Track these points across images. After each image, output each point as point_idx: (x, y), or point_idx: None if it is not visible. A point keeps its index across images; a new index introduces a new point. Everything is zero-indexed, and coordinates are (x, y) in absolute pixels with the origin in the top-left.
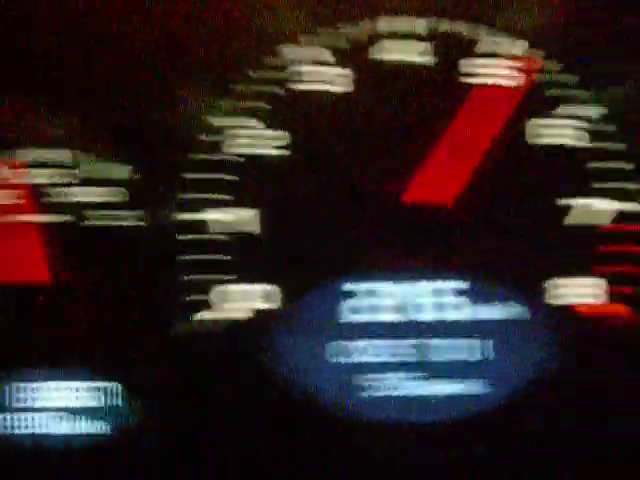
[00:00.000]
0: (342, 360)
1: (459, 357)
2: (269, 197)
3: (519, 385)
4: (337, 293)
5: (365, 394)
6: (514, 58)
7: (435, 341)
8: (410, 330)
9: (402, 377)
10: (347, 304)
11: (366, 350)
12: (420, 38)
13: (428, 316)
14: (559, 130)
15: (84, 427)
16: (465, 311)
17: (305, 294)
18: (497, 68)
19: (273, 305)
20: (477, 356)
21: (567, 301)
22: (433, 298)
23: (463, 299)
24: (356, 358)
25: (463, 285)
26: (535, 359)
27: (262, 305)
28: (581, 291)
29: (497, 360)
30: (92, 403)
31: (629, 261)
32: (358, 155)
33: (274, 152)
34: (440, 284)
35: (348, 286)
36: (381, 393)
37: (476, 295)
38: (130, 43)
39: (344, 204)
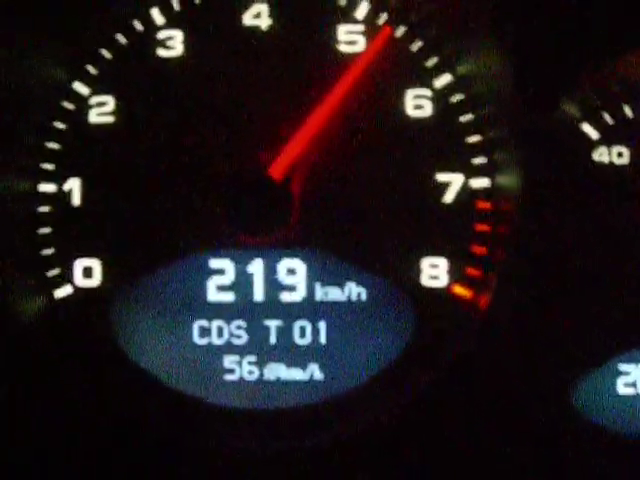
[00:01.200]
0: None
1: (301, 341)
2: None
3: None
4: (172, 269)
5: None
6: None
7: (274, 322)
8: (246, 311)
9: (237, 361)
10: (181, 281)
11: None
12: (269, 0)
13: (261, 296)
14: (408, 102)
15: None
16: (308, 291)
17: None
18: (351, 34)
19: (103, 281)
20: (321, 339)
21: (412, 282)
22: (273, 276)
23: (307, 278)
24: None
25: (309, 264)
26: (378, 342)
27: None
28: (425, 271)
29: (340, 343)
30: None
31: (475, 241)
32: (205, 126)
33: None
34: (284, 262)
35: (181, 263)
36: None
37: (322, 275)
38: None
39: (179, 177)
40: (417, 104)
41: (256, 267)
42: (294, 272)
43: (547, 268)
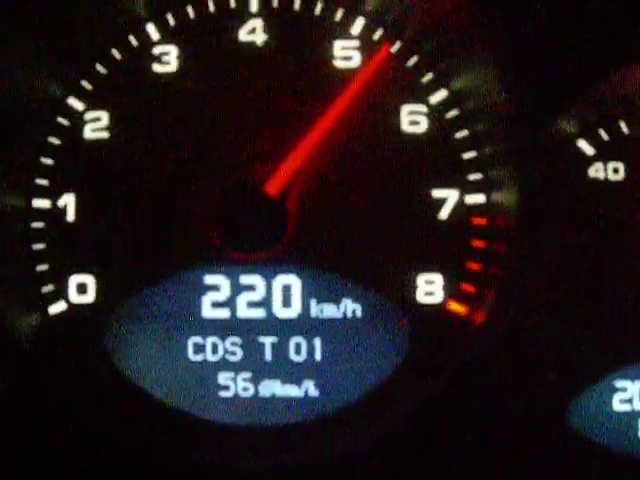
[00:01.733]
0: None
1: (296, 357)
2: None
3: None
4: (167, 286)
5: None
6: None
7: (269, 339)
8: (241, 327)
9: (232, 377)
10: (176, 297)
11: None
12: (264, 16)
13: (259, 313)
14: (403, 118)
15: None
16: (303, 308)
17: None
18: (347, 50)
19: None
20: (316, 356)
21: (407, 298)
22: (271, 293)
23: (302, 295)
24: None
25: (304, 281)
26: (373, 359)
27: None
28: (421, 288)
29: (335, 360)
30: None
31: (471, 257)
32: (200, 142)
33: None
34: (279, 279)
35: (175, 279)
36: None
37: (317, 291)
38: None
39: (174, 193)
40: (412, 120)
41: (251, 284)
42: (289, 289)
43: (543, 285)
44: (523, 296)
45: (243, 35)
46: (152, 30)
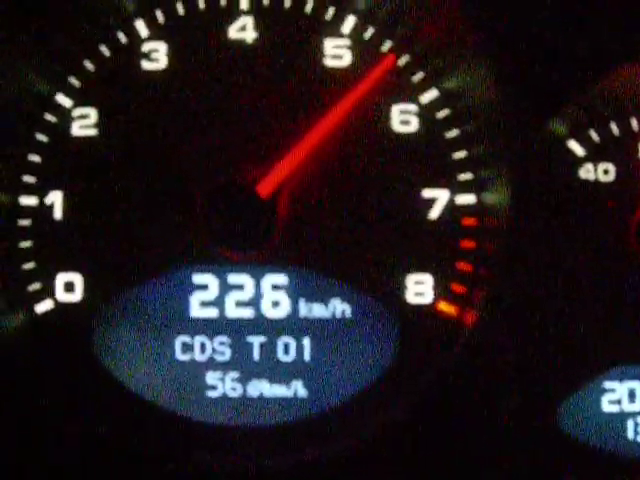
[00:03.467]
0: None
1: (285, 357)
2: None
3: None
4: (155, 284)
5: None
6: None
7: (258, 339)
8: (229, 327)
9: (220, 377)
10: (164, 296)
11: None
12: (254, 14)
13: (248, 312)
14: (394, 117)
15: None
16: (292, 308)
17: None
18: (337, 49)
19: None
20: (305, 356)
21: (396, 299)
22: (257, 292)
23: (291, 295)
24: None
25: (293, 280)
26: (363, 359)
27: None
28: (410, 288)
29: (324, 360)
30: None
31: (461, 257)
32: (190, 140)
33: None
34: (268, 278)
35: (163, 278)
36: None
37: (306, 291)
38: None
39: (163, 191)
40: (403, 119)
41: (241, 282)
42: (278, 288)
43: (533, 285)
44: (513, 297)
45: (233, 33)
46: (141, 26)
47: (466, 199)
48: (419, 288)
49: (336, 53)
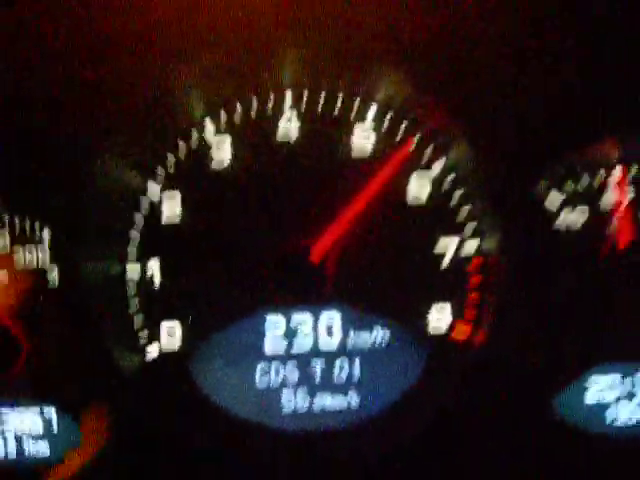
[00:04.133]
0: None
1: (341, 374)
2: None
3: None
4: (238, 326)
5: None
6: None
7: (319, 361)
8: (297, 353)
9: (293, 393)
10: (245, 334)
11: (267, 373)
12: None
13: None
14: (412, 183)
15: (34, 452)
16: (344, 335)
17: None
18: (363, 138)
19: (183, 339)
20: (355, 373)
21: (420, 326)
22: (316, 325)
23: (342, 325)
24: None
25: (343, 315)
26: (397, 375)
27: (173, 340)
28: (432, 317)
29: (370, 376)
30: (43, 432)
31: (471, 288)
32: (255, 218)
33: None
34: (324, 314)
35: (244, 320)
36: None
37: (354, 322)
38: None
39: (239, 258)
40: (420, 184)
41: (303, 319)
42: (332, 320)
43: (529, 309)
44: (515, 319)
45: (280, 132)
46: (209, 123)
47: (473, 243)
48: (440, 315)
49: (363, 141)
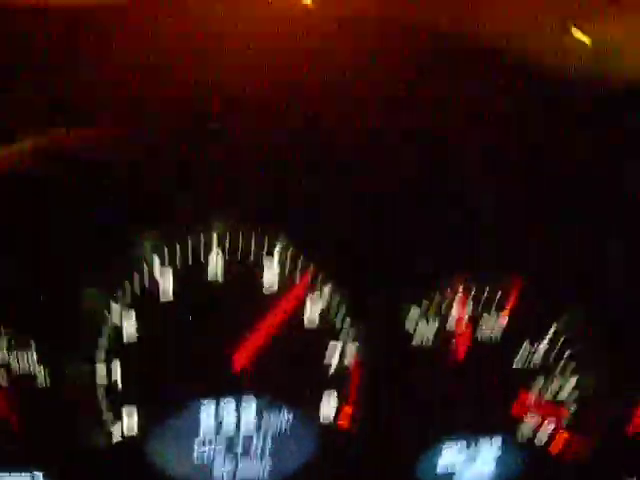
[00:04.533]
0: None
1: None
2: None
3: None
4: (184, 410)
5: None
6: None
7: (241, 435)
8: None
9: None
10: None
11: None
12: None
13: (232, 421)
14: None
15: None
16: (258, 418)
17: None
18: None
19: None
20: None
21: (316, 413)
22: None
23: (256, 408)
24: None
25: (258, 401)
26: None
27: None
28: (325, 405)
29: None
30: None
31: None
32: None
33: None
34: (245, 399)
35: (186, 407)
36: None
37: (266, 407)
38: None
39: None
40: (314, 305)
41: (229, 404)
42: (251, 405)
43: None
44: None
45: (210, 276)
46: (155, 258)
47: (352, 347)
48: (329, 405)
49: (272, 278)
